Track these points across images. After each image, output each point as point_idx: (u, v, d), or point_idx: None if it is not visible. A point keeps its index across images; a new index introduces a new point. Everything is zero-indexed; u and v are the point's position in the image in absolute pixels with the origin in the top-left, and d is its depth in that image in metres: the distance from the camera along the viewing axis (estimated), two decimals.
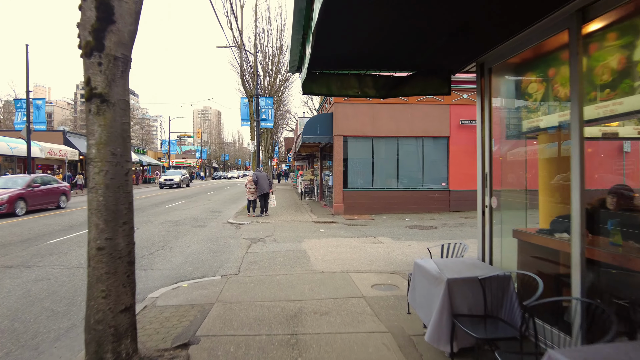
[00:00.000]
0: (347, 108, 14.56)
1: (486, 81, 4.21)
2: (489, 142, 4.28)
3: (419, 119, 14.97)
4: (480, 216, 4.32)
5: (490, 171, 4.30)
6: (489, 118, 4.22)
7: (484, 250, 4.27)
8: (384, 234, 10.33)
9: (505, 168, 4.45)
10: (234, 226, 12.00)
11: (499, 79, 4.24)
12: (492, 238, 4.19)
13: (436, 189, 15.23)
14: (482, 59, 4.18)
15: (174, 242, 9.23)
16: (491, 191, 4.31)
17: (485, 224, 4.28)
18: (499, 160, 4.53)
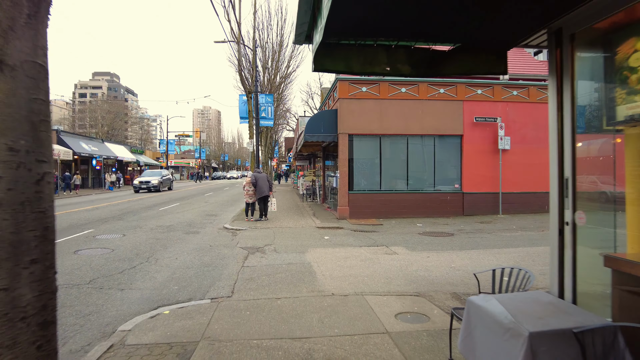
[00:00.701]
0: (352, 104, 13.50)
1: (566, 53, 3.10)
2: (571, 136, 3.13)
3: (430, 115, 13.91)
4: (557, 237, 3.20)
5: (573, 175, 3.15)
6: (572, 103, 3.09)
7: (563, 284, 3.16)
8: (396, 243, 9.26)
9: (583, 169, 3.33)
10: (231, 233, 10.94)
11: (583, 49, 3.13)
12: (575, 268, 3.07)
13: (448, 191, 14.17)
14: (559, 22, 3.08)
15: (161, 253, 8.16)
16: (575, 203, 3.15)
17: (565, 248, 3.15)
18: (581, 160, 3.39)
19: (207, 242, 9.48)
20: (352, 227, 11.79)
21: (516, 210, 14.34)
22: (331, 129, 13.76)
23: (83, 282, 5.98)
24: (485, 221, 13.00)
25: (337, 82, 13.62)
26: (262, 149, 29.71)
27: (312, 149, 20.60)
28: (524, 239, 9.79)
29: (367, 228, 11.73)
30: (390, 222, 12.81)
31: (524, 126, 14.48)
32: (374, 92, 13.65)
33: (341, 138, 13.42)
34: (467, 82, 14.34)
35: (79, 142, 35.14)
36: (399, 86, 13.81)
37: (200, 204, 19.67)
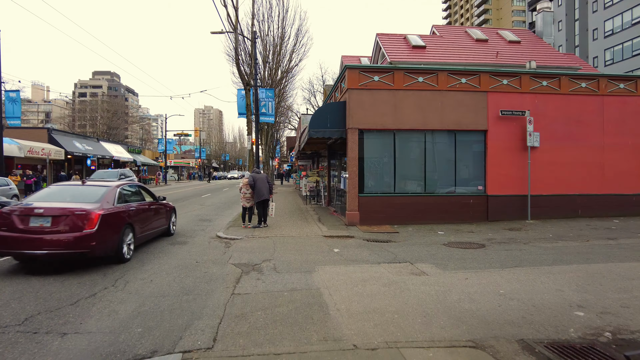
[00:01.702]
0: (363, 95, 11.94)
1: None
2: None
3: (450, 108, 12.33)
4: None
5: None
6: None
7: None
8: (421, 258, 7.69)
9: None
10: (224, 243, 9.39)
11: None
12: None
13: (471, 193, 12.59)
14: None
15: (135, 272, 6.62)
16: None
17: None
18: None
19: (194, 256, 7.93)
20: (364, 236, 10.23)
21: (546, 215, 12.75)
22: (339, 123, 12.19)
23: (13, 323, 4.44)
24: (514, 228, 11.42)
25: (345, 70, 12.06)
26: (263, 147, 28.19)
27: (316, 147, 19.05)
28: (571, 252, 8.20)
29: (381, 237, 10.17)
30: (407, 230, 11.25)
31: (554, 121, 12.89)
32: (387, 81, 12.09)
33: (350, 134, 11.86)
34: (491, 71, 12.76)
35: (72, 141, 33.71)
36: (416, 75, 12.24)
37: (195, 207, 18.14)
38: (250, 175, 11.61)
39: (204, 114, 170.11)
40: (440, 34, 21.33)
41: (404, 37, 20.14)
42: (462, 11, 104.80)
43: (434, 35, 21.55)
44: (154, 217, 9.06)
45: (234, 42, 15.69)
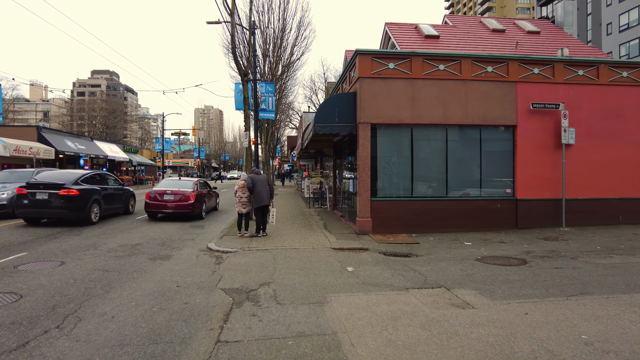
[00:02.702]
0: (376, 85, 10.44)
1: None
2: None
3: (475, 100, 10.84)
4: None
5: None
6: None
7: None
8: (458, 280, 6.20)
9: None
10: (214, 257, 7.90)
11: None
12: None
13: (498, 197, 11.10)
14: None
15: (95, 303, 5.13)
16: None
17: None
18: None
19: (176, 276, 6.44)
20: (380, 248, 8.74)
21: (582, 222, 11.26)
22: (348, 117, 10.70)
23: None
24: (550, 237, 9.93)
25: (356, 56, 10.57)
26: (262, 146, 26.70)
27: (321, 146, 17.56)
28: (638, 270, 6.71)
29: (400, 250, 8.68)
30: (427, 240, 9.76)
31: (591, 115, 11.40)
32: (404, 69, 10.59)
33: (361, 129, 10.36)
34: (520, 59, 11.26)
35: (63, 139, 32.23)
36: (436, 62, 10.75)
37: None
38: (249, 177, 10.11)
39: (204, 113, 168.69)
40: (453, 23, 19.83)
41: (415, 27, 18.64)
42: (465, 9, 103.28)
43: (447, 25, 20.05)
44: (211, 198, 16.03)
45: (230, 29, 14.12)
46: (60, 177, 12.25)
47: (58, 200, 11.31)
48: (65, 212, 11.50)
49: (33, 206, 11.36)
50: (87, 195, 11.98)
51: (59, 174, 13.16)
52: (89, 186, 12.37)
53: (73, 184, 11.74)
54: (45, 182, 11.66)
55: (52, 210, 11.51)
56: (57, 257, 7.70)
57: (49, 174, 13.01)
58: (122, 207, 14.52)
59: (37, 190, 11.33)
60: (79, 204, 11.64)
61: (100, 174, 13.95)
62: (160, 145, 49.23)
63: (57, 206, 11.38)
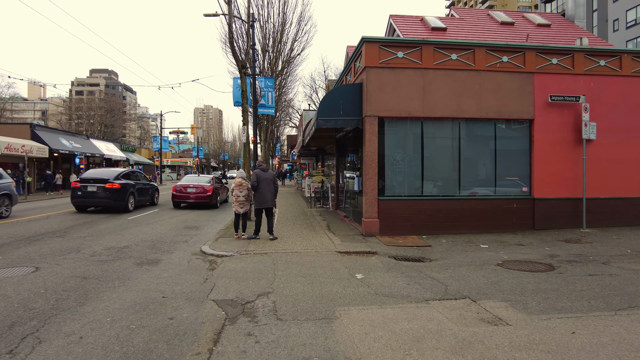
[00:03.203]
0: (384, 75, 9.69)
1: None
2: None
3: (489, 92, 10.10)
4: None
5: None
6: None
7: None
8: (482, 290, 5.45)
9: None
10: (208, 262, 7.15)
11: None
12: None
13: (514, 196, 10.35)
14: None
15: (64, 318, 4.38)
16: None
17: None
18: None
19: (163, 284, 5.69)
20: (390, 251, 7.99)
21: (603, 223, 10.52)
22: (354, 110, 9.95)
23: None
24: (571, 239, 9.19)
25: (362, 44, 9.81)
26: (262, 144, 25.95)
27: (322, 142, 16.81)
28: None
29: (411, 253, 7.94)
30: (440, 242, 9.02)
31: (613, 108, 10.66)
32: (414, 58, 9.84)
33: (368, 123, 9.61)
34: (538, 48, 10.52)
35: (57, 138, 31.44)
36: (448, 51, 10.00)
37: (186, 210, 15.90)
38: (254, 173, 9.19)
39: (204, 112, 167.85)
40: (460, 16, 19.10)
41: (420, 19, 17.90)
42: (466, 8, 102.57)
43: (453, 17, 19.31)
44: (224, 191, 18.65)
45: (227, 19, 13.35)
46: (104, 173, 15.04)
47: (104, 192, 14.03)
48: (109, 202, 14.17)
49: (84, 196, 14.19)
50: (126, 189, 14.68)
51: (102, 171, 16.20)
52: (126, 181, 14.98)
53: (115, 179, 14.35)
54: (94, 177, 14.42)
55: (99, 200, 14.18)
56: (33, 261, 6.95)
57: (94, 171, 16.95)
58: (149, 199, 17.37)
59: (88, 184, 14.16)
60: (120, 195, 14.33)
61: (134, 171, 16.92)
62: (158, 144, 48.44)
63: (103, 196, 14.05)
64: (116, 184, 14.15)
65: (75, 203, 14.50)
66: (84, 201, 14.33)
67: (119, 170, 15.94)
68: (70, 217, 13.31)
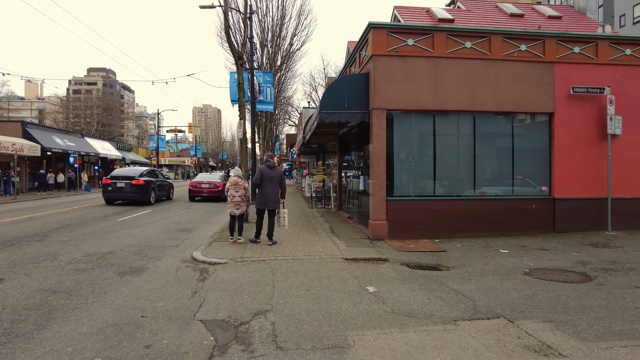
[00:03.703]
0: (393, 64, 8.89)
1: None
2: None
3: (506, 83, 9.31)
4: None
5: None
6: None
7: None
8: (517, 306, 4.65)
9: None
10: (199, 271, 6.34)
11: None
12: None
13: (533, 196, 9.57)
14: None
15: (13, 349, 3.57)
16: None
17: None
18: None
19: (144, 300, 4.89)
20: (402, 258, 7.19)
21: (629, 225, 9.75)
22: (359, 102, 9.15)
23: None
24: (598, 243, 8.41)
25: (369, 30, 9.00)
26: (260, 142, 25.16)
27: (324, 139, 16.01)
28: None
29: (426, 259, 7.14)
30: (454, 246, 8.23)
31: (639, 101, 9.88)
32: (425, 46, 9.04)
33: (375, 116, 8.81)
34: (558, 36, 9.73)
35: (50, 136, 30.55)
36: (462, 39, 9.21)
37: (179, 211, 15.09)
38: (259, 169, 8.30)
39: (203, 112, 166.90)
40: (467, 8, 18.30)
41: (426, 10, 17.11)
42: None
43: (460, 9, 18.51)
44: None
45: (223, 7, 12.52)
46: (130, 172, 17.80)
47: (130, 187, 16.52)
48: (135, 195, 16.64)
49: (114, 191, 16.69)
50: (148, 185, 17.12)
51: (128, 170, 19.52)
52: (149, 178, 17.50)
53: (139, 176, 16.90)
54: (122, 175, 17.07)
55: (126, 194, 16.64)
56: (0, 270, 6.13)
57: (120, 170, 20.26)
58: (165, 194, 19.69)
59: (117, 181, 16.71)
60: (144, 190, 16.78)
61: (154, 170, 19.53)
62: (155, 143, 47.53)
63: (129, 191, 16.53)
64: (141, 181, 16.50)
65: (106, 197, 16.82)
66: (114, 195, 16.68)
67: (142, 169, 18.40)
68: (55, 218, 12.49)
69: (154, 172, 18.76)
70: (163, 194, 19.16)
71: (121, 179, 16.54)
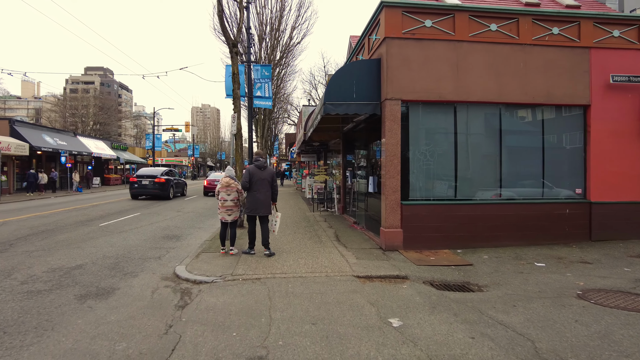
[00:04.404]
0: (408, 48, 7.74)
1: None
2: None
3: (536, 71, 8.17)
4: None
5: None
6: None
7: None
8: (596, 354, 3.51)
9: None
10: (179, 293, 5.18)
11: None
12: None
13: (565, 199, 8.43)
14: None
15: None
16: None
17: None
18: None
19: (101, 339, 3.73)
20: (423, 274, 6.04)
21: None
22: (370, 92, 7.99)
23: None
24: None
25: (381, 9, 7.84)
26: (258, 141, 24.00)
27: (327, 136, 14.86)
28: None
29: (451, 276, 6.00)
30: (480, 258, 7.09)
31: None
32: (444, 28, 7.90)
33: (389, 108, 7.65)
34: (596, 17, 8.60)
35: (40, 134, 29.35)
36: (487, 20, 8.07)
37: (169, 214, 13.94)
38: (247, 170, 7.21)
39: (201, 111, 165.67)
40: None
41: None
42: None
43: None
44: None
45: None
46: (152, 171, 20.27)
47: (154, 184, 19.09)
48: (157, 192, 19.18)
49: (139, 188, 19.29)
50: (168, 182, 19.77)
51: (150, 169, 21.12)
52: (168, 177, 20.05)
53: (161, 175, 19.58)
54: (146, 174, 19.61)
55: (150, 190, 19.22)
56: None
57: (144, 170, 21.41)
58: (181, 191, 22.08)
59: (142, 179, 19.31)
60: (165, 187, 19.43)
61: (172, 170, 22.11)
62: (150, 142, 46.30)
63: (152, 188, 19.13)
64: (162, 179, 19.09)
65: (132, 193, 19.48)
66: (139, 191, 19.25)
67: (162, 169, 21.10)
68: (31, 222, 11.32)
69: (171, 172, 21.45)
70: (179, 191, 21.70)
71: (145, 177, 19.13)
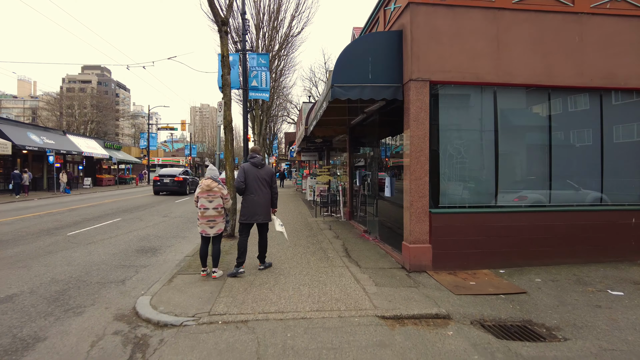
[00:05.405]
0: (438, 17, 6.16)
1: None
2: None
3: (594, 47, 6.59)
4: None
5: None
6: None
7: None
8: None
9: None
10: (130, 347, 3.58)
11: None
12: None
13: (631, 206, 6.84)
14: None
15: None
16: None
17: None
18: None
19: None
20: (468, 309, 4.46)
21: None
22: (389, 72, 6.40)
23: None
24: None
25: None
26: (255, 139, 22.43)
27: (331, 131, 13.25)
28: None
29: (505, 311, 4.41)
30: (532, 281, 5.52)
31: None
32: None
33: (414, 91, 6.07)
34: None
35: (25, 132, 27.71)
36: None
37: (154, 220, 12.35)
38: (241, 167, 5.83)
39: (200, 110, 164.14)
40: None
41: None
42: None
43: None
44: None
45: None
46: (172, 171, 23.78)
47: (173, 182, 22.71)
48: (177, 188, 22.75)
49: (162, 185, 22.81)
50: (185, 181, 23.21)
51: (170, 170, 24.43)
52: (185, 176, 23.53)
53: (179, 174, 23.15)
54: (167, 174, 23.20)
55: (170, 187, 22.73)
56: None
57: (164, 170, 24.48)
58: (195, 188, 23.04)
59: (163, 178, 22.93)
60: (183, 184, 22.93)
61: (187, 170, 25.52)
62: (145, 141, 44.72)
63: (172, 185, 22.71)
64: (180, 178, 22.62)
65: (155, 189, 22.86)
66: (161, 188, 22.59)
67: (180, 169, 24.73)
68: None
69: (187, 172, 24.95)
70: (194, 188, 24.16)
71: (166, 176, 22.78)
